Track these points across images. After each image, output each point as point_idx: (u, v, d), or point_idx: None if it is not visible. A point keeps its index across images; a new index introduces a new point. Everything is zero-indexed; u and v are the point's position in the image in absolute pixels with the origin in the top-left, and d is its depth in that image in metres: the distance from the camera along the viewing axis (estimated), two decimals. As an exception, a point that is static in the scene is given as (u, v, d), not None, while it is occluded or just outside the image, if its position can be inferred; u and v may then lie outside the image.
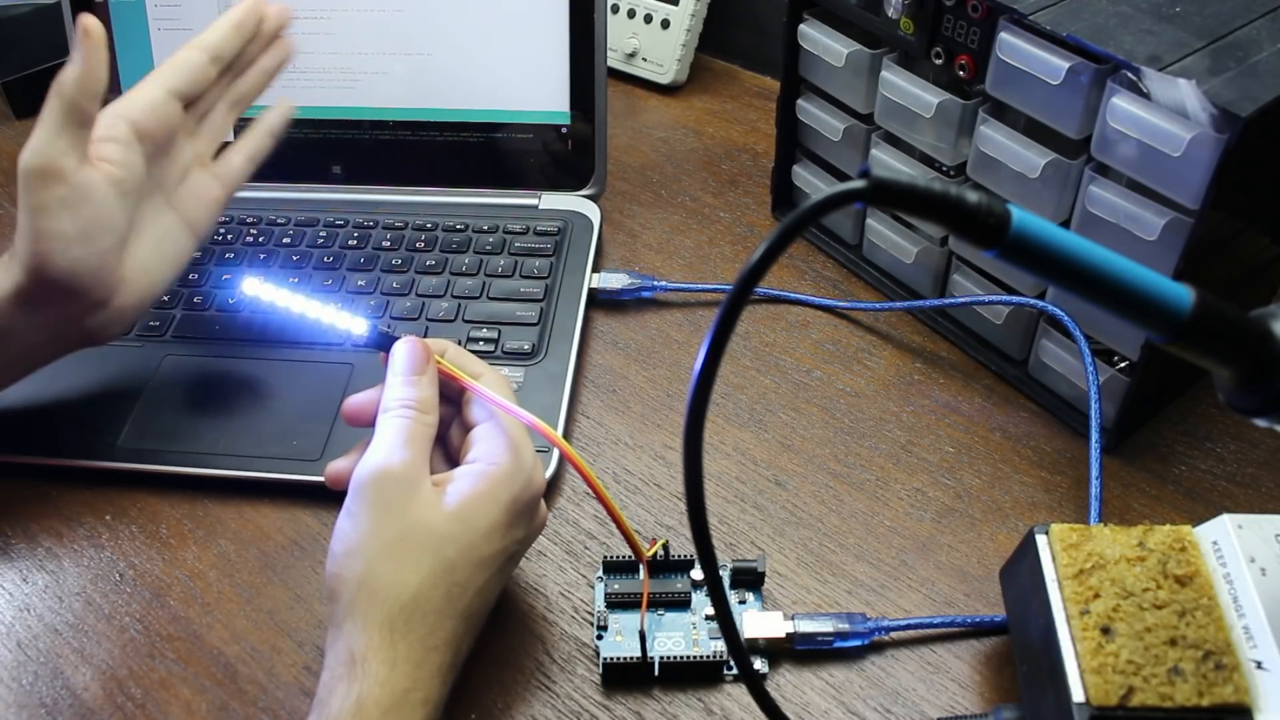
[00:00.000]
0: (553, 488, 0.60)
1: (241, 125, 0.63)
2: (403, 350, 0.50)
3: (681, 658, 0.51)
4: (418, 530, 0.45)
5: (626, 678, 0.51)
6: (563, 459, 0.61)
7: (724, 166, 0.83)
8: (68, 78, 0.51)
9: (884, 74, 0.64)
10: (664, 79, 0.91)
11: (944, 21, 0.60)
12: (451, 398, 0.52)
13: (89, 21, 0.51)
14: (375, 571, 0.45)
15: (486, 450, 0.49)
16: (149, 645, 0.53)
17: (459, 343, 0.58)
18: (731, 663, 0.51)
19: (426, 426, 0.49)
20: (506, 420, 0.50)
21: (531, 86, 0.75)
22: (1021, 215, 0.33)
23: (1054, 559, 0.47)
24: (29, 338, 0.55)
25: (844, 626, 0.52)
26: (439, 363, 0.51)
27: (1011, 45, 0.56)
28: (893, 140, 0.68)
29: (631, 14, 0.91)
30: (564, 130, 0.76)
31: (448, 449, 0.53)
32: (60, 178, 0.51)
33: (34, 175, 0.51)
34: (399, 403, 0.49)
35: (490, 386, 0.51)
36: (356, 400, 0.51)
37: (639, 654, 0.51)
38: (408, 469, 0.46)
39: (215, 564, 0.57)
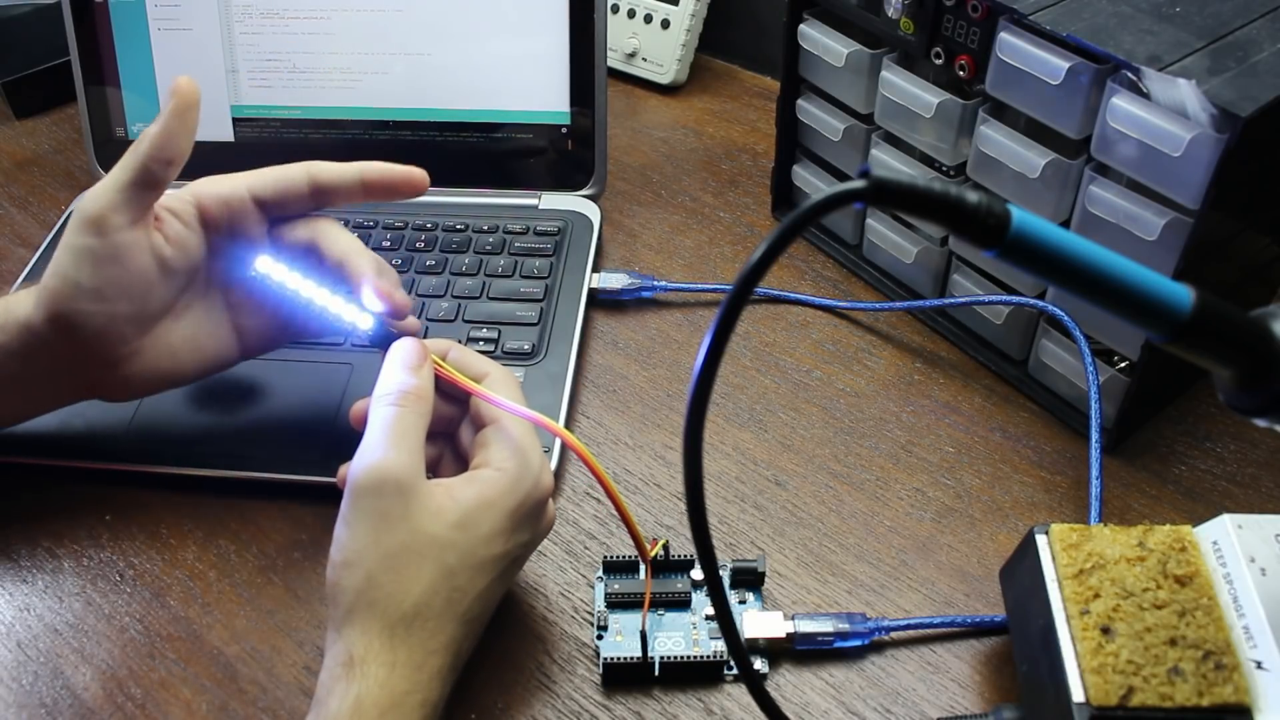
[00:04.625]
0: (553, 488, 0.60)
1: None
2: (399, 345, 0.50)
3: (681, 658, 0.51)
4: (418, 539, 0.45)
5: (626, 678, 0.51)
6: (563, 456, 0.61)
7: (724, 166, 0.83)
8: (145, 135, 0.50)
9: (884, 74, 0.64)
10: (664, 79, 0.91)
11: (944, 21, 0.60)
12: (460, 397, 0.52)
13: (182, 82, 0.50)
14: (376, 582, 0.44)
15: (492, 455, 0.48)
16: (149, 645, 0.53)
17: (459, 343, 0.58)
18: (731, 663, 0.51)
19: (419, 416, 0.48)
20: (514, 423, 0.49)
21: (531, 86, 0.75)
22: (1021, 215, 0.33)
23: (1054, 559, 0.47)
24: (33, 369, 0.53)
25: (844, 626, 0.52)
26: (442, 367, 0.51)
27: (1011, 45, 0.56)
28: (893, 140, 0.68)
29: (631, 14, 0.91)
30: (564, 130, 0.76)
31: (458, 449, 0.53)
32: (101, 230, 0.50)
33: (79, 218, 0.50)
34: (394, 388, 0.48)
35: (498, 385, 0.51)
36: (364, 404, 0.51)
37: (639, 654, 0.51)
38: (402, 470, 0.45)
39: (215, 564, 0.57)
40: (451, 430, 0.53)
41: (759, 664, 0.52)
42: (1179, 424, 0.63)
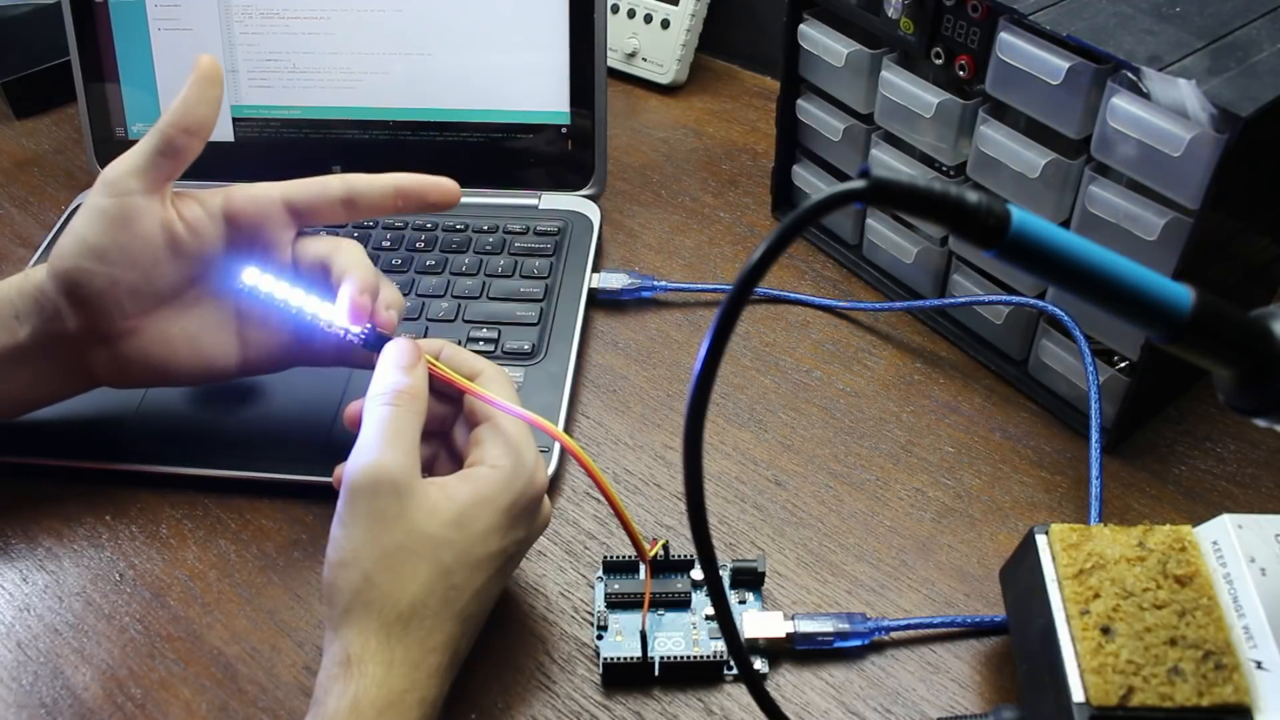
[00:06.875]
0: (553, 487, 0.60)
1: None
2: (392, 345, 0.50)
3: (681, 658, 0.51)
4: (414, 538, 0.45)
5: (626, 678, 0.51)
6: (563, 457, 0.61)
7: (724, 166, 0.83)
8: (168, 108, 0.52)
9: (884, 74, 0.64)
10: (664, 79, 0.91)
11: (944, 21, 0.60)
12: (454, 396, 0.52)
13: (204, 58, 0.53)
14: (372, 582, 0.44)
15: (486, 453, 0.48)
16: (149, 645, 0.53)
17: (459, 343, 0.58)
18: (731, 663, 0.51)
19: (414, 415, 0.48)
20: (508, 420, 0.49)
21: (531, 86, 0.75)
22: (1021, 215, 0.33)
23: (1054, 559, 0.47)
24: (40, 339, 0.54)
25: (844, 626, 0.52)
26: (435, 366, 0.51)
27: (1011, 45, 0.56)
28: (893, 140, 0.68)
29: (631, 14, 0.91)
30: (564, 130, 0.76)
31: (452, 448, 0.53)
32: (115, 191, 0.52)
33: (99, 181, 0.52)
34: (388, 388, 0.48)
35: (491, 383, 0.51)
36: (359, 405, 0.51)
37: (639, 654, 0.51)
38: (398, 471, 0.45)
39: (215, 564, 0.57)
40: (446, 429, 0.53)
41: (759, 664, 0.52)
42: (1179, 424, 0.63)
